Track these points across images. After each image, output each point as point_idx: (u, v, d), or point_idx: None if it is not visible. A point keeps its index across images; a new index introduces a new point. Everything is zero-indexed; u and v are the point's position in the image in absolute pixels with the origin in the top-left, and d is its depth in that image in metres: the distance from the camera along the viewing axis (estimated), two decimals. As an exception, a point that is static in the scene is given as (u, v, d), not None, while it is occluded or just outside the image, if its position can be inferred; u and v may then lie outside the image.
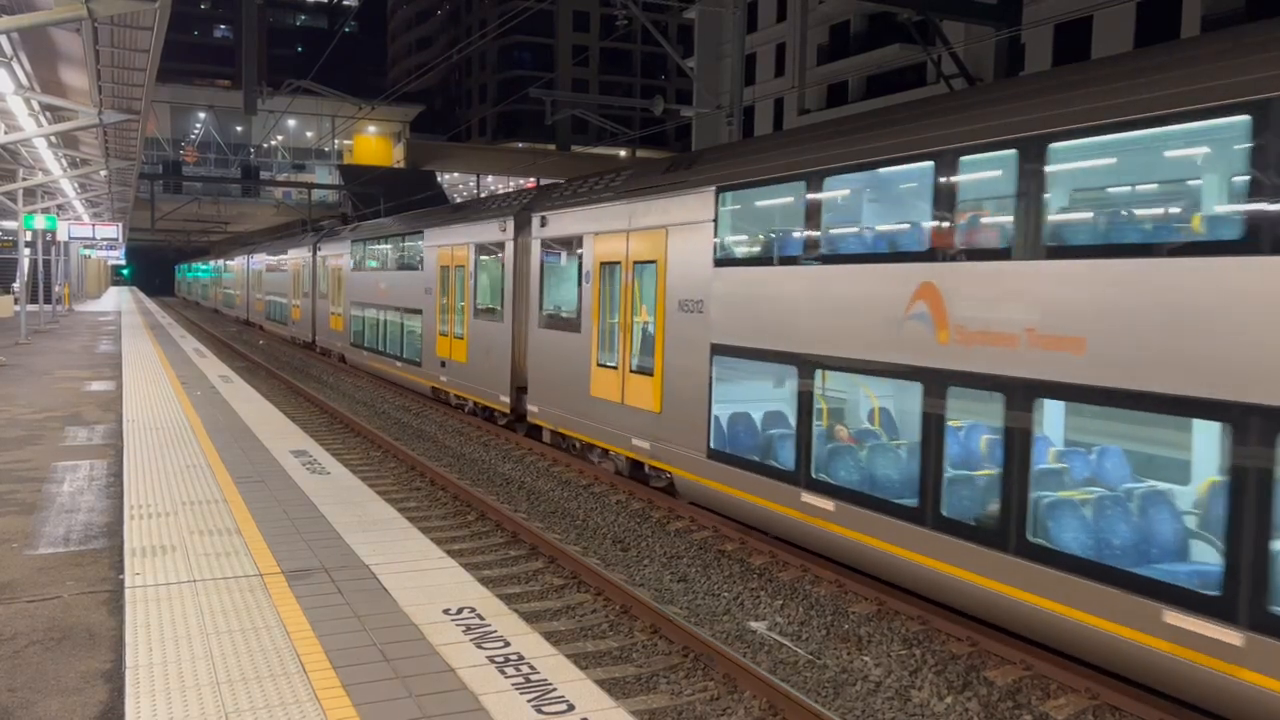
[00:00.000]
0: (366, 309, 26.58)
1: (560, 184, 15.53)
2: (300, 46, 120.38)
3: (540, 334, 15.49)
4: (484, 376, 18.03)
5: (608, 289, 13.45)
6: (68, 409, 13.90)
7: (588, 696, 4.66)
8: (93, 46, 11.82)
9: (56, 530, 7.64)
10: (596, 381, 13.62)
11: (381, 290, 24.92)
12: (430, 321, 20.97)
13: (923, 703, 7.07)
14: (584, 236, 13.96)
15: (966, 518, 7.84)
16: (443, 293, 20.20)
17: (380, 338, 25.15)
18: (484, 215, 18.35)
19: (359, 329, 27.44)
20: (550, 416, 15.14)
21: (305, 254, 34.88)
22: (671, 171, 12.11)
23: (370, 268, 26.62)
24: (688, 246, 11.43)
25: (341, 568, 6.57)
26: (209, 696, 4.56)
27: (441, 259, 20.29)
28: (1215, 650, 5.90)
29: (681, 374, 11.55)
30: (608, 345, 13.51)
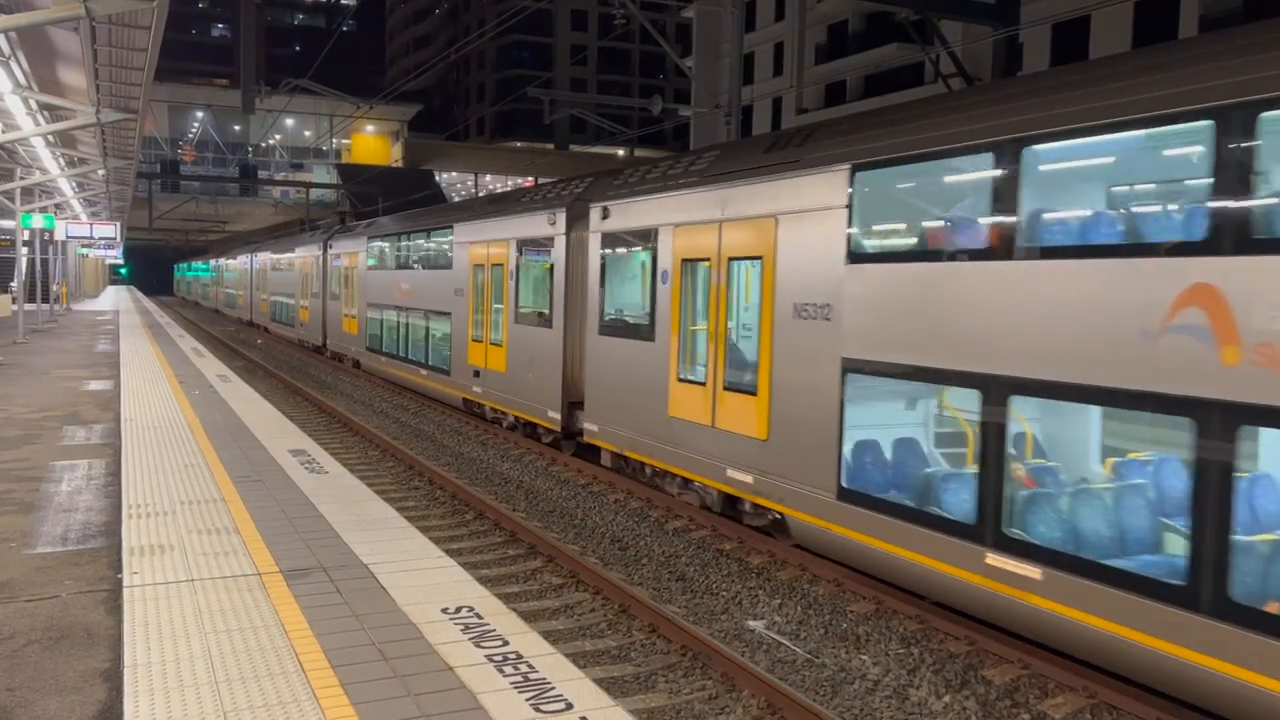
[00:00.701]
0: (385, 311, 24.42)
1: (622, 171, 13.66)
2: (298, 45, 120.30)
3: (601, 342, 13.50)
4: (528, 389, 16.03)
5: (691, 290, 11.55)
6: (66, 408, 13.90)
7: (586, 695, 4.66)
8: (90, 45, 11.82)
9: (55, 529, 7.64)
10: (677, 399, 11.62)
11: (403, 291, 22.90)
12: (461, 326, 18.99)
13: (921, 701, 7.08)
14: (659, 229, 11.99)
15: (1265, 603, 5.85)
16: (476, 294, 18.29)
17: (401, 343, 23.07)
18: (527, 208, 16.32)
19: (376, 332, 25.30)
20: (613, 437, 13.10)
21: (315, 252, 32.64)
22: (778, 149, 10.16)
23: (390, 266, 24.46)
24: (807, 239, 9.38)
25: (340, 567, 6.57)
26: (207, 695, 4.56)
27: (475, 257, 18.33)
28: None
29: (798, 393, 9.50)
30: (692, 357, 11.60)
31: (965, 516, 7.73)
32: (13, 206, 26.44)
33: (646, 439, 12.31)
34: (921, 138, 8.30)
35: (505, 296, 16.90)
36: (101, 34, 11.40)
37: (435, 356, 20.63)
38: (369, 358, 25.93)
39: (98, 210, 41.94)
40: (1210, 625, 5.95)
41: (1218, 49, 6.36)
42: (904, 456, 9.19)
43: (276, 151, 70.20)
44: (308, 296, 33.99)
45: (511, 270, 16.68)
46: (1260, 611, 5.72)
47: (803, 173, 9.54)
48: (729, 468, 10.63)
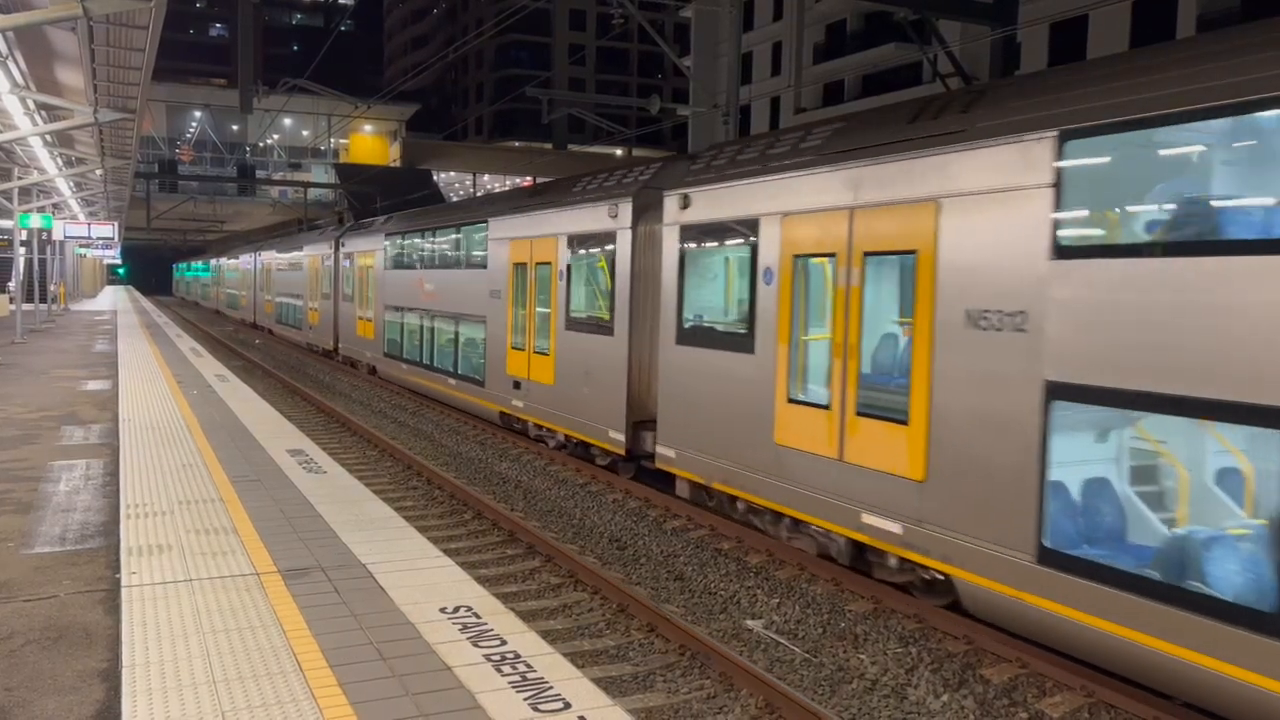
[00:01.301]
0: (406, 314, 22.42)
1: (700, 155, 11.89)
2: (296, 45, 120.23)
3: (680, 354, 11.59)
4: (582, 405, 14.13)
5: (806, 292, 9.67)
6: (64, 408, 13.89)
7: (584, 695, 4.66)
8: (88, 45, 11.81)
9: (53, 529, 7.63)
10: (786, 424, 9.71)
11: (427, 292, 20.99)
12: (498, 332, 17.04)
13: (919, 700, 7.09)
14: (762, 220, 10.07)
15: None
16: (517, 296, 16.39)
17: (425, 349, 21.08)
18: (581, 199, 14.35)
19: (395, 337, 23.37)
20: (695, 465, 11.26)
21: (325, 250, 30.65)
22: (932, 117, 8.33)
23: (411, 265, 22.52)
24: (988, 228, 7.50)
25: (338, 566, 6.57)
26: (205, 695, 4.56)
27: (515, 254, 16.40)
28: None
29: (973, 424, 7.57)
30: (807, 373, 9.70)
31: (1264, 600, 5.69)
32: (10, 206, 26.42)
33: (742, 469, 10.40)
34: (1179, 92, 6.29)
35: (553, 299, 14.98)
36: (99, 34, 11.39)
37: (466, 365, 18.78)
38: (387, 364, 24.06)
39: (95, 210, 41.91)
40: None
41: None
42: (1143, 511, 7.16)
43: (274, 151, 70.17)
44: (317, 298, 32.12)
45: (561, 270, 14.75)
46: None
47: (980, 144, 7.65)
48: (865, 512, 8.70)
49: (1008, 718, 6.83)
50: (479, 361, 18.08)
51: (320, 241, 31.85)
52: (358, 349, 27.17)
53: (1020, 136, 7.32)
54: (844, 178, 9.05)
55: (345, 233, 29.34)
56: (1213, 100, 6.08)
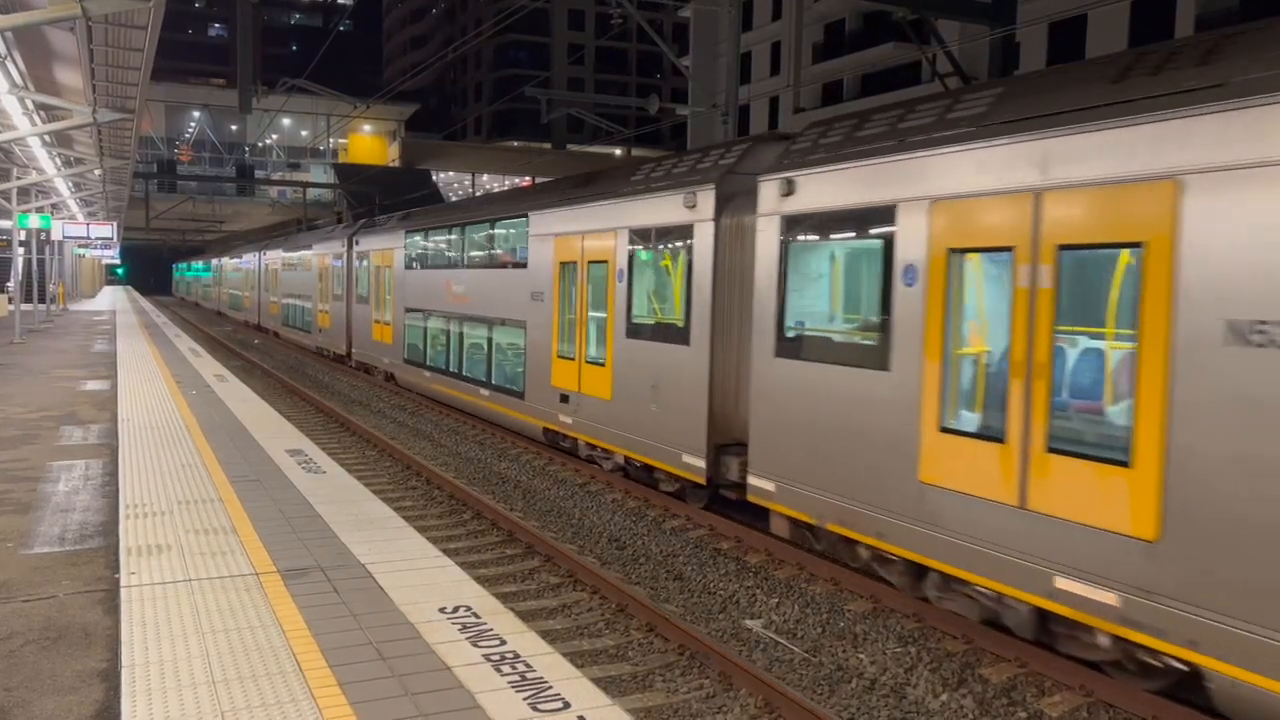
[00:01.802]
0: (430, 318, 20.69)
1: (806, 132, 10.14)
2: (295, 45, 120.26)
3: (781, 368, 9.79)
4: (648, 424, 12.37)
5: (967, 295, 7.90)
6: (63, 408, 13.88)
7: (584, 694, 4.67)
8: (87, 45, 11.81)
9: (52, 530, 7.63)
10: (937, 458, 7.92)
11: (455, 294, 19.23)
12: (541, 338, 15.21)
13: (918, 700, 7.10)
14: (899, 207, 8.34)
15: None
16: (565, 299, 14.66)
17: (453, 356, 19.36)
18: (647, 188, 12.57)
19: (417, 343, 21.60)
20: (803, 501, 9.47)
21: (337, 248, 28.88)
22: (1147, 74, 6.79)
23: (436, 265, 20.76)
24: (1266, 212, 5.81)
25: (337, 566, 6.57)
26: (205, 695, 4.56)
27: (562, 252, 14.61)
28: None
29: (1243, 470, 5.86)
30: (968, 396, 7.89)
31: None
32: (9, 206, 26.41)
33: (868, 509, 8.65)
34: None
35: (610, 302, 13.26)
36: (98, 34, 11.39)
37: (502, 375, 17.06)
38: (408, 372, 22.24)
39: (94, 210, 41.90)
40: None
41: None
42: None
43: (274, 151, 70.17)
44: (328, 299, 30.21)
45: (620, 269, 13.03)
46: None
47: (1251, 102, 5.88)
48: (1059, 575, 6.98)
49: (1007, 717, 6.84)
50: (517, 371, 16.29)
51: (331, 240, 30.11)
52: (374, 354, 25.25)
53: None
54: (1027, 152, 7.32)
55: (359, 230, 27.37)
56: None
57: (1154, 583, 6.34)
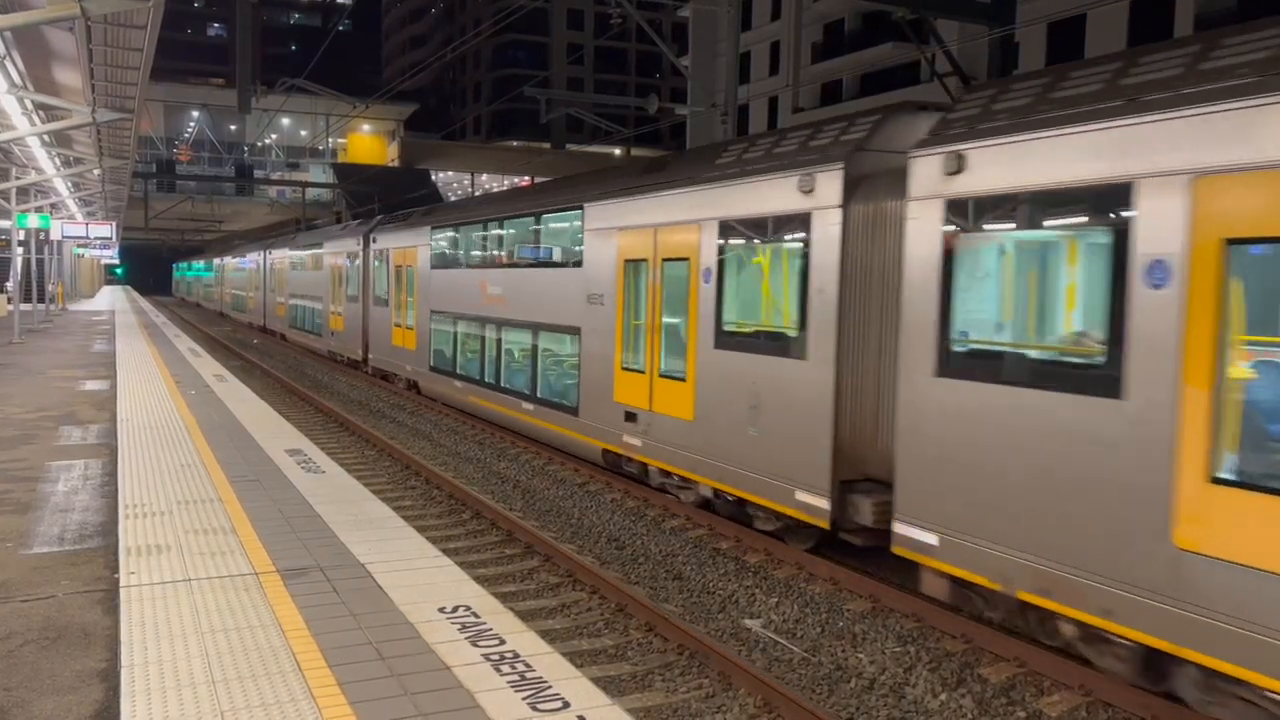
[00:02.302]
0: (462, 323, 18.80)
1: (971, 96, 8.39)
2: (294, 45, 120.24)
3: (946, 390, 7.89)
4: (747, 451, 10.37)
5: (1252, 301, 5.97)
6: (62, 408, 13.88)
7: (583, 694, 4.67)
8: (86, 45, 11.82)
9: (51, 529, 7.63)
10: (1205, 517, 6.03)
11: (493, 296, 17.31)
12: (601, 347, 13.45)
13: (917, 699, 7.10)
14: (1143, 185, 6.45)
15: None
16: (632, 302, 12.85)
17: (489, 365, 17.46)
18: (744, 171, 10.58)
19: (445, 349, 19.75)
20: (983, 561, 7.58)
21: (352, 246, 26.99)
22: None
23: (468, 263, 18.93)
24: None
25: (337, 566, 6.57)
26: (204, 695, 4.56)
27: (628, 248, 12.85)
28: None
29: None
30: (1251, 435, 5.97)
31: None
32: (8, 206, 26.41)
33: (1092, 578, 6.74)
34: None
35: (692, 307, 11.37)
36: (97, 33, 11.39)
37: (550, 388, 15.25)
38: (435, 381, 20.34)
39: (93, 210, 41.89)
40: None
41: None
42: None
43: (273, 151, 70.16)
44: (341, 301, 28.26)
45: (707, 268, 11.13)
46: None
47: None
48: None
49: (1006, 716, 6.84)
50: (569, 384, 14.50)
51: (345, 237, 28.22)
52: (394, 361, 23.21)
53: None
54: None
55: (377, 227, 25.28)
56: None
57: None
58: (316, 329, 31.78)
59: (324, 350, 30.84)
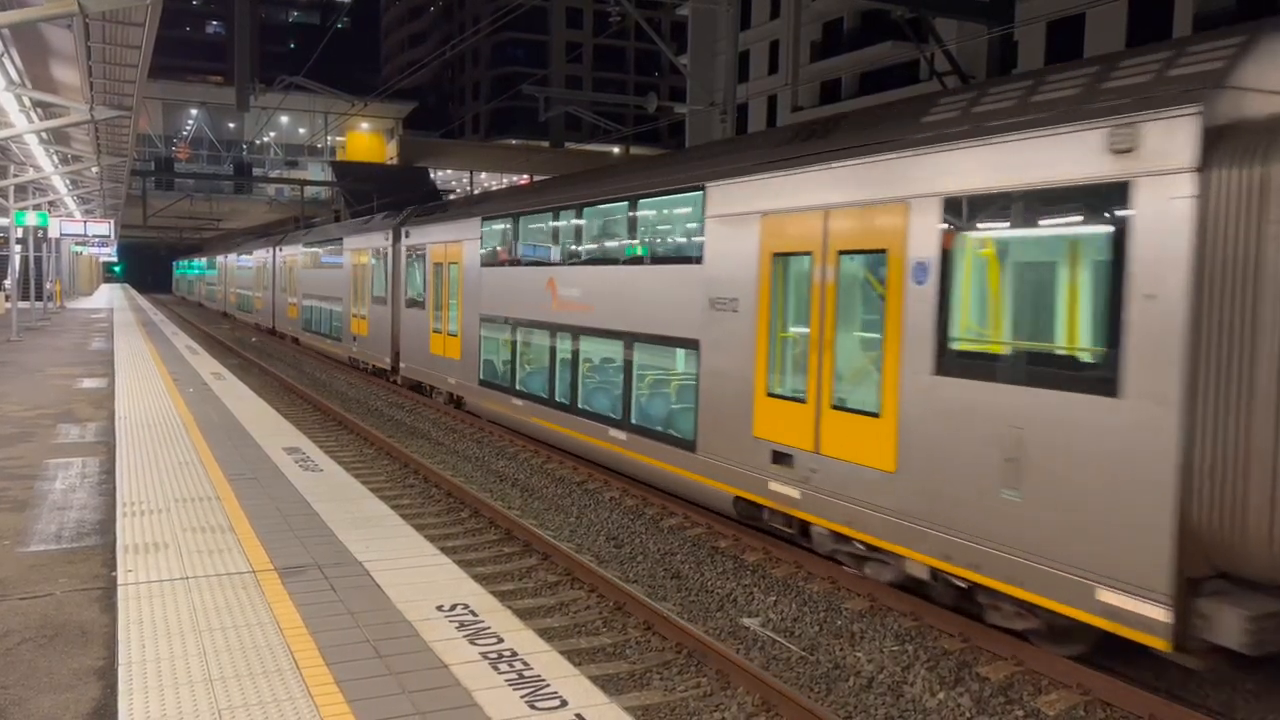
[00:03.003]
0: (523, 330, 15.99)
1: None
2: (293, 42, 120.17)
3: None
4: (1000, 522, 7.44)
5: None
6: (60, 406, 13.87)
7: (581, 692, 4.67)
8: (84, 42, 11.80)
9: (49, 527, 7.62)
10: None
11: (567, 300, 14.43)
12: (734, 365, 10.49)
13: (915, 698, 7.10)
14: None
15: None
16: (781, 308, 9.98)
17: (562, 383, 14.51)
18: (984, 129, 7.73)
19: (501, 360, 17.02)
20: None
21: (380, 242, 24.18)
22: None
23: (532, 259, 16.01)
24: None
25: (335, 564, 6.57)
26: (202, 693, 4.56)
27: (776, 239, 9.90)
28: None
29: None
30: None
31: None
32: (6, 204, 26.39)
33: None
34: None
35: (896, 316, 8.42)
36: (95, 31, 11.38)
37: (652, 414, 12.51)
38: (486, 398, 17.41)
39: (92, 208, 41.86)
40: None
41: None
42: None
43: (271, 149, 70.12)
44: (365, 302, 25.45)
45: (922, 262, 8.18)
46: None
47: None
48: None
49: (1004, 715, 6.85)
50: (681, 411, 11.89)
51: (370, 231, 25.34)
52: (433, 372, 20.27)
53: None
54: None
55: (410, 219, 22.51)
56: None
57: None
58: (335, 333, 29.05)
59: (344, 357, 28.18)
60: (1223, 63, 6.47)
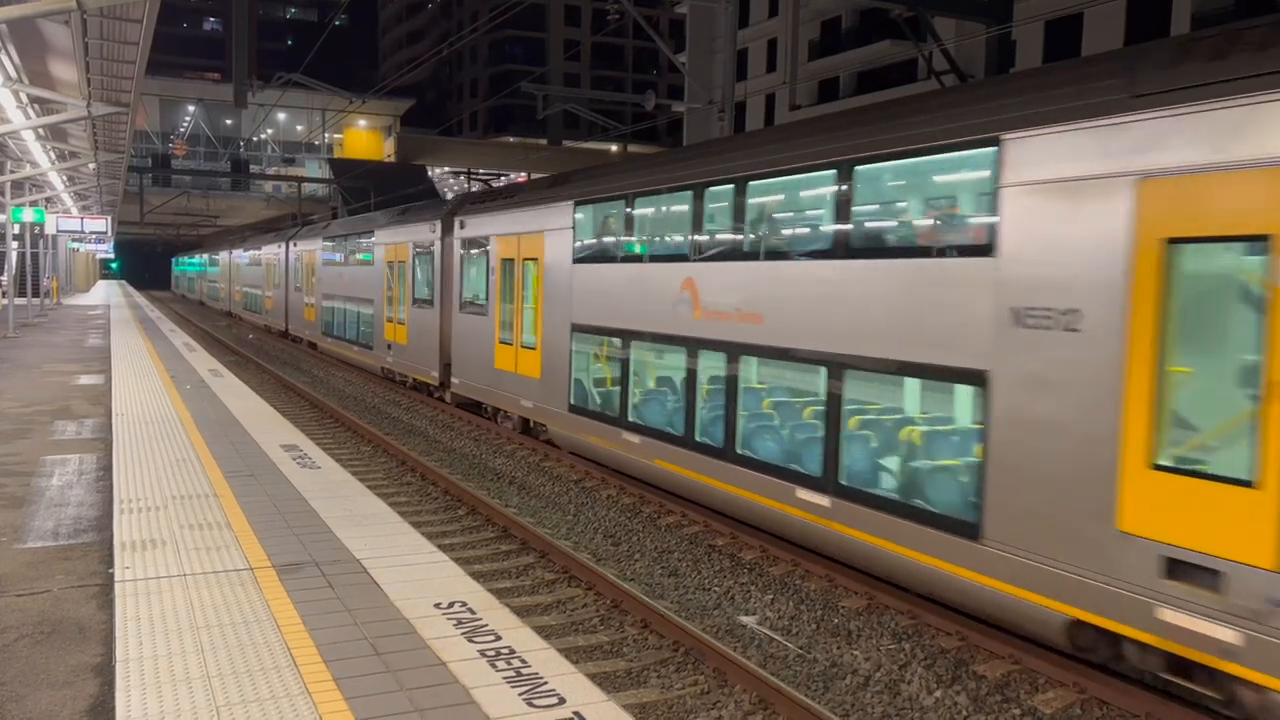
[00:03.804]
0: (642, 346, 12.65)
1: None
2: (291, 39, 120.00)
3: None
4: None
5: None
6: (56, 403, 13.85)
7: (579, 690, 4.67)
8: (82, 39, 11.79)
9: (46, 524, 7.61)
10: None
11: (716, 309, 10.95)
12: (1062, 416, 7.05)
13: (912, 696, 7.11)
14: None
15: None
16: (1198, 333, 6.39)
17: (712, 420, 11.13)
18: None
19: (599, 379, 13.82)
20: None
21: (425, 234, 20.56)
22: None
23: (655, 255, 12.38)
24: None
25: (332, 562, 6.57)
26: (199, 690, 4.56)
27: (1174, 213, 6.36)
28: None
29: None
30: None
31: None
32: (3, 200, 26.34)
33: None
34: None
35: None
36: (93, 27, 11.36)
37: (885, 478, 9.22)
38: (580, 428, 13.77)
39: (88, 204, 41.80)
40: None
41: None
42: None
43: (268, 146, 70.03)
44: (402, 305, 22.05)
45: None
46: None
47: None
48: None
49: (1000, 713, 6.86)
50: (948, 474, 8.53)
51: (413, 222, 21.62)
52: (499, 391, 16.58)
53: None
54: None
55: (466, 206, 18.79)
56: None
57: None
58: (364, 340, 25.33)
59: (375, 368, 24.57)
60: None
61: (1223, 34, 6.59)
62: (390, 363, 22.98)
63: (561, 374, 14.36)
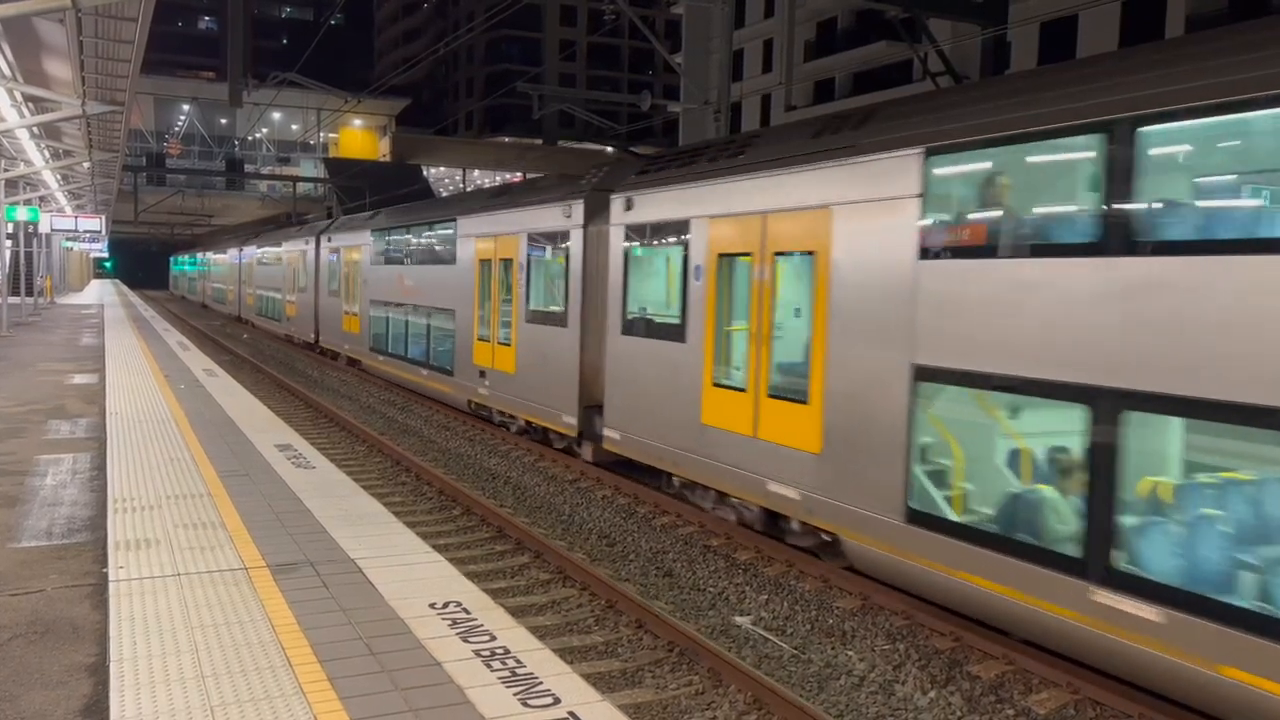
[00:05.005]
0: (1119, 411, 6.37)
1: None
2: (286, 38, 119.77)
3: None
4: None
5: None
6: (50, 402, 13.81)
7: (574, 690, 4.67)
8: (76, 37, 11.76)
9: (39, 524, 7.59)
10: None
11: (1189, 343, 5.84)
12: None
13: (906, 697, 7.12)
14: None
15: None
16: None
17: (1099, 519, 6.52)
18: None
19: (972, 464, 7.92)
20: None
21: (551, 222, 14.95)
22: None
23: (1095, 246, 6.50)
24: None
25: (327, 561, 6.56)
26: (194, 689, 4.55)
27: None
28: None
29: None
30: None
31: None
32: (-3, 199, 26.26)
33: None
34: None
35: None
36: (88, 25, 11.34)
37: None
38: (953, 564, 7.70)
39: (83, 203, 41.71)
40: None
41: None
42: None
43: (263, 145, 69.95)
44: (505, 319, 16.64)
45: None
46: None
47: None
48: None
49: (995, 714, 6.87)
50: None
51: (526, 206, 15.99)
52: (710, 458, 10.78)
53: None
54: None
55: (632, 178, 12.81)
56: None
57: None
58: (441, 362, 19.61)
59: (459, 400, 18.59)
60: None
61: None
62: (485, 396, 17.26)
63: (881, 452, 8.30)
